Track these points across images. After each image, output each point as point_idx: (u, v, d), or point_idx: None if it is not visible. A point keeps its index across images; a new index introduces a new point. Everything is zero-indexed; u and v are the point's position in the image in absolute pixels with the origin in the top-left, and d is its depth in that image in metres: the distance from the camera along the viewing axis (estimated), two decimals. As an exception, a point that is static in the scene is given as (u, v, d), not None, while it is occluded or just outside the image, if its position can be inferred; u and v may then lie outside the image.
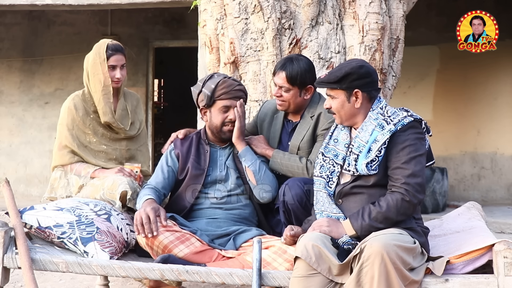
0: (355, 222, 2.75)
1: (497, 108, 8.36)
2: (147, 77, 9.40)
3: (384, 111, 2.88)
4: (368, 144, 2.80)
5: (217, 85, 3.41)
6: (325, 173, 2.94)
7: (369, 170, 2.78)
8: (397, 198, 2.73)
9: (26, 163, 9.40)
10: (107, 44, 3.66)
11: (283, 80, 3.45)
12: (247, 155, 3.44)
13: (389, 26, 4.49)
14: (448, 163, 8.38)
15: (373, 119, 2.86)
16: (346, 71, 2.87)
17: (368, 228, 2.72)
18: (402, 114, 2.84)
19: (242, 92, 3.48)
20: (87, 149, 3.69)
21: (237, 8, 4.31)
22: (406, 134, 2.79)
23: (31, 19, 9.41)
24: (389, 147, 2.78)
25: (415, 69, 8.13)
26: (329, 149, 2.98)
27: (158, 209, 3.19)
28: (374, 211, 2.73)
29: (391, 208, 2.72)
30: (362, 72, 2.90)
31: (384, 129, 2.80)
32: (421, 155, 2.80)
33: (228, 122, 3.44)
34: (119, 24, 9.35)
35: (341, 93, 2.90)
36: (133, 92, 3.98)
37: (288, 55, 3.67)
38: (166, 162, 3.51)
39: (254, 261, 2.76)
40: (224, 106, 3.42)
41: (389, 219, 2.73)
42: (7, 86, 9.49)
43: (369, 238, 2.62)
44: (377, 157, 2.77)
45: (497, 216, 7.10)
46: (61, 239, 3.14)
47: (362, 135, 2.85)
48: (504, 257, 2.64)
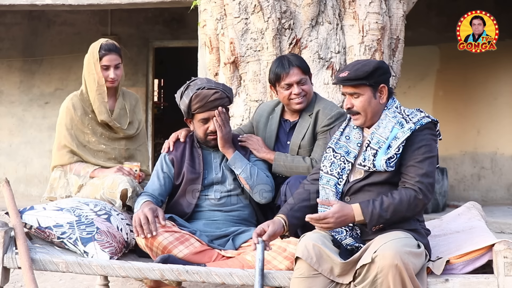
0: (365, 208, 2.71)
1: (497, 108, 8.37)
2: (147, 77, 9.41)
3: (401, 110, 2.88)
4: (388, 141, 2.78)
5: (190, 100, 3.37)
6: (335, 170, 2.90)
7: (388, 167, 2.75)
8: (410, 194, 2.72)
9: (26, 163, 9.40)
10: (100, 44, 3.67)
11: (299, 74, 3.47)
12: (236, 162, 3.40)
13: (389, 26, 4.49)
14: (448, 163, 8.38)
15: (391, 116, 2.85)
16: (375, 66, 2.84)
17: (377, 217, 2.69)
18: (420, 114, 2.83)
19: (220, 100, 3.38)
20: (86, 149, 3.69)
21: (237, 8, 4.31)
22: (423, 134, 2.78)
23: (31, 19, 9.41)
24: (406, 145, 2.77)
25: (415, 69, 8.13)
26: (340, 145, 2.95)
27: (156, 209, 3.18)
28: (387, 201, 2.71)
29: (404, 202, 2.70)
30: (385, 67, 2.92)
31: (404, 127, 2.78)
32: (434, 156, 2.80)
33: (210, 133, 3.41)
34: (119, 24, 9.35)
35: (367, 89, 2.86)
36: (132, 92, 3.99)
37: (277, 56, 3.67)
38: (162, 168, 3.49)
39: (256, 261, 2.75)
40: (202, 119, 3.39)
41: (399, 212, 2.71)
42: (7, 86, 9.49)
43: (379, 246, 2.58)
44: (396, 154, 2.76)
45: (497, 216, 7.11)
46: (61, 239, 3.14)
47: (381, 131, 2.82)
48: (504, 257, 2.64)
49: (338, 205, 2.72)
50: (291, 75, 3.46)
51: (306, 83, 3.50)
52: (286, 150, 3.54)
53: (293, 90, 3.47)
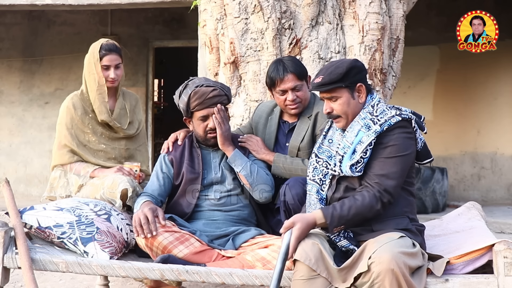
0: (325, 210, 2.70)
1: (497, 108, 8.37)
2: (147, 77, 9.41)
3: (374, 110, 2.82)
4: (353, 146, 2.76)
5: (189, 98, 3.39)
6: (317, 176, 2.90)
7: (353, 172, 2.74)
8: (369, 195, 2.69)
9: (26, 163, 9.40)
10: (101, 44, 3.68)
11: (294, 81, 3.43)
12: (236, 160, 3.41)
13: (389, 26, 4.49)
14: (448, 163, 8.38)
15: (361, 118, 2.81)
16: (348, 67, 2.80)
17: (338, 219, 2.67)
18: (390, 113, 2.77)
19: (218, 97, 3.40)
20: (86, 148, 3.69)
21: (237, 8, 4.31)
22: (391, 134, 2.74)
23: (31, 19, 9.41)
24: (375, 148, 2.74)
25: (415, 69, 8.13)
26: (323, 150, 2.94)
27: (156, 209, 3.18)
28: (347, 203, 2.70)
29: (365, 203, 2.68)
30: (359, 65, 2.88)
31: (370, 130, 2.75)
32: (403, 155, 2.74)
33: (210, 130, 3.42)
34: (119, 24, 9.36)
35: (344, 91, 2.82)
36: (132, 92, 3.99)
37: (274, 60, 3.64)
38: (161, 169, 3.50)
39: (282, 246, 2.68)
40: (202, 117, 3.40)
41: (360, 214, 2.70)
42: (7, 86, 9.49)
43: (374, 250, 2.56)
44: (362, 158, 2.73)
45: (497, 216, 7.10)
46: (61, 239, 3.14)
47: (348, 136, 2.81)
48: (504, 257, 2.64)
49: (297, 215, 2.76)
50: (285, 82, 3.44)
51: (301, 89, 3.47)
52: (285, 152, 3.53)
53: (288, 97, 3.46)
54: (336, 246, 2.81)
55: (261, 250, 3.11)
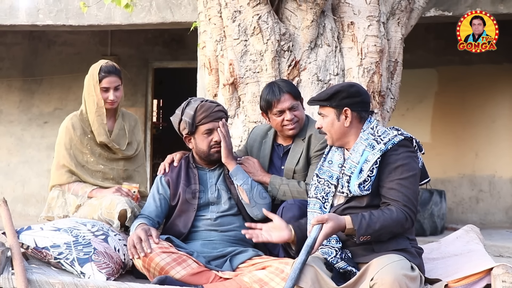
0: (355, 217, 2.70)
1: (495, 131, 8.38)
2: (146, 97, 9.44)
3: (375, 131, 2.88)
4: (359, 165, 2.80)
5: (196, 111, 3.41)
6: (320, 194, 2.94)
7: (362, 191, 2.77)
8: (398, 211, 2.71)
9: (24, 182, 9.38)
10: (100, 66, 3.69)
11: (290, 100, 3.46)
12: (238, 174, 3.43)
13: (388, 49, 4.52)
14: (447, 186, 8.37)
15: (363, 139, 2.87)
16: (336, 89, 2.90)
17: (366, 227, 2.67)
18: (393, 133, 2.84)
19: (222, 112, 3.47)
20: (85, 169, 3.69)
21: (237, 30, 4.34)
22: (397, 153, 2.78)
23: (32, 39, 9.46)
24: (381, 167, 2.78)
25: (413, 91, 8.16)
26: (323, 171, 2.98)
27: (149, 229, 3.20)
28: (376, 214, 2.71)
29: (393, 219, 2.69)
30: (352, 90, 2.92)
31: (375, 149, 2.80)
32: (414, 174, 2.79)
33: (214, 144, 3.43)
34: (119, 45, 9.40)
35: (331, 111, 2.92)
36: (131, 113, 4.00)
37: (266, 84, 3.69)
38: (157, 190, 3.51)
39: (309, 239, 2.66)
40: (207, 130, 3.42)
41: (387, 227, 2.70)
42: (7, 106, 9.51)
43: (376, 272, 2.55)
44: (369, 177, 2.76)
45: (495, 239, 7.09)
46: (58, 259, 3.12)
47: (353, 156, 2.85)
48: (503, 281, 2.63)
49: (331, 213, 2.77)
50: (282, 102, 3.46)
51: (298, 109, 3.50)
52: (281, 174, 3.54)
53: (286, 117, 3.47)
54: (333, 268, 2.80)
55: (259, 271, 3.10)
